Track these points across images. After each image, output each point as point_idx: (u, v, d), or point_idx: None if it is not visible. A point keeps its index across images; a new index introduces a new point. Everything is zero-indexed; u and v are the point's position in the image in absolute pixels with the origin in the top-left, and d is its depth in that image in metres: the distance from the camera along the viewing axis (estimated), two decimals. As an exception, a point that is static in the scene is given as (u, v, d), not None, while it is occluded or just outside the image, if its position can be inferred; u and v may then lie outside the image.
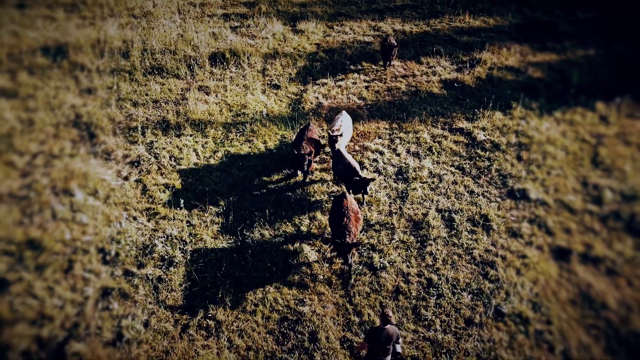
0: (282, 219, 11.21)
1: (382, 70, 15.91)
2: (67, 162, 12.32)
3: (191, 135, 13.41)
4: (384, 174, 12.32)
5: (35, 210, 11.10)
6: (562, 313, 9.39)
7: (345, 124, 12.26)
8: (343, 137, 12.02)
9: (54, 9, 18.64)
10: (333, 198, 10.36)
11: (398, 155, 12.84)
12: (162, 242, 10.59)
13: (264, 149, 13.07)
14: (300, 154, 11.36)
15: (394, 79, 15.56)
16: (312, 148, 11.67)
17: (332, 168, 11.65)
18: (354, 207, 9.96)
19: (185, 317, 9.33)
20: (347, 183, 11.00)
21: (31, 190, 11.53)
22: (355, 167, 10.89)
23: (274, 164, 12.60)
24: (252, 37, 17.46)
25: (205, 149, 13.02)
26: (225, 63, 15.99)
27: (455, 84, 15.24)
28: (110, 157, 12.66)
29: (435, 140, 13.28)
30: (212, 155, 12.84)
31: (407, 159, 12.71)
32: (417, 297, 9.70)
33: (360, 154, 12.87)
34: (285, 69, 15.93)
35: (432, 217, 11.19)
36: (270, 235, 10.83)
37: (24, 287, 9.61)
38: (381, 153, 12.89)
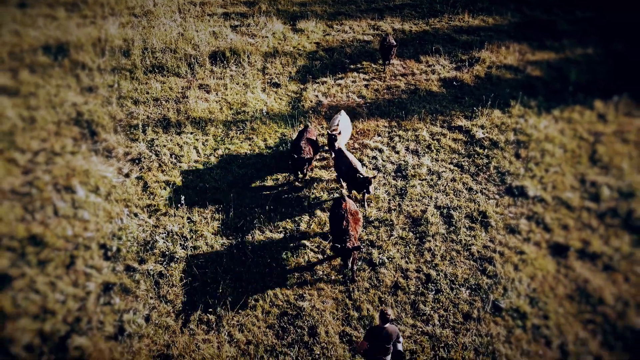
0: (282, 215, 11.30)
1: (381, 69, 16.00)
2: (69, 160, 12.42)
3: (192, 133, 13.51)
4: (383, 171, 12.41)
5: (37, 206, 11.20)
6: (559, 308, 9.48)
7: (343, 123, 12.34)
8: (342, 136, 12.11)
9: (55, 8, 18.74)
10: (332, 201, 10.39)
11: (397, 152, 12.93)
12: (163, 238, 10.68)
13: (264, 146, 13.16)
14: (300, 157, 11.38)
15: (393, 78, 15.65)
16: (311, 150, 11.72)
17: (335, 167, 11.72)
18: (353, 209, 9.96)
19: (186, 311, 9.42)
20: (349, 182, 11.09)
21: (33, 187, 11.63)
22: (357, 166, 10.96)
23: (274, 161, 12.69)
24: (252, 36, 17.55)
25: (206, 147, 13.11)
26: (225, 62, 16.09)
27: (454, 83, 15.33)
28: (112, 154, 12.75)
29: (434, 138, 13.37)
30: (212, 153, 12.93)
31: (406, 156, 12.80)
32: (416, 292, 9.79)
33: (360, 152, 12.96)
34: (285, 68, 16.02)
35: (431, 213, 11.28)
36: (270, 231, 10.92)
37: (26, 282, 9.71)
38: (380, 151, 12.98)
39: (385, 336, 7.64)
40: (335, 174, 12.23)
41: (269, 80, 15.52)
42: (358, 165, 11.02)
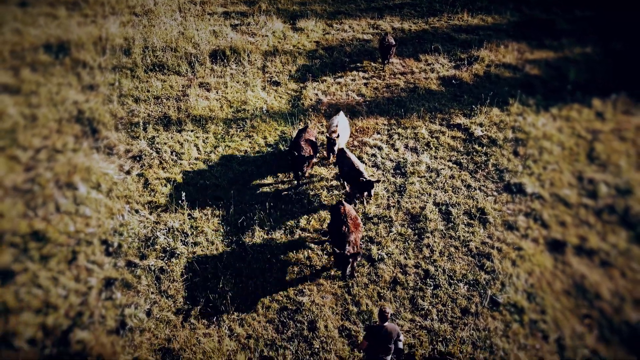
0: (281, 212, 11.39)
1: (380, 67, 16.09)
2: (70, 157, 12.51)
3: (192, 130, 13.60)
4: (382, 168, 12.50)
5: (40, 203, 11.30)
6: (557, 303, 9.58)
7: (342, 124, 12.39)
8: (341, 138, 12.16)
9: (55, 7, 18.84)
10: (330, 207, 10.44)
11: (396, 150, 13.02)
12: (163, 234, 10.77)
13: (264, 144, 13.26)
14: (300, 155, 11.41)
15: (392, 76, 15.75)
16: (311, 149, 11.78)
17: (338, 168, 11.78)
18: (352, 214, 9.97)
19: (187, 306, 9.52)
20: (352, 184, 11.19)
21: (35, 183, 11.73)
22: (360, 168, 11.03)
23: (274, 159, 12.79)
24: (252, 35, 17.65)
25: (206, 144, 13.21)
26: (225, 60, 16.19)
27: (453, 81, 15.43)
28: (113, 151, 12.84)
29: (433, 135, 13.47)
30: (212, 150, 13.03)
31: (405, 154, 12.90)
32: (415, 287, 9.88)
33: (359, 149, 13.05)
34: (285, 66, 16.12)
35: (430, 210, 11.37)
36: (270, 228, 11.01)
37: (29, 277, 9.80)
38: (380, 148, 13.08)
39: (385, 335, 7.64)
40: (335, 172, 12.33)
41: (269, 79, 15.62)
42: (361, 167, 11.10)
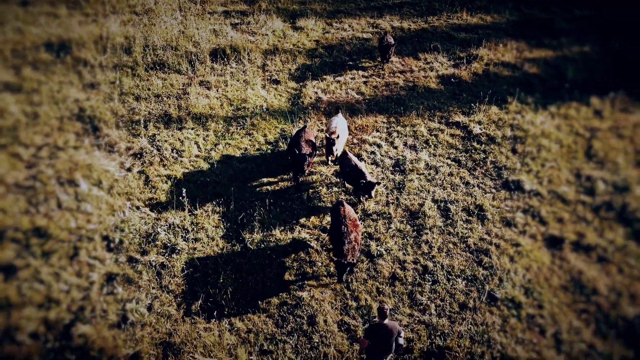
0: (281, 209, 11.48)
1: (380, 66, 16.18)
2: (72, 154, 12.60)
3: (192, 128, 13.69)
4: (381, 166, 12.59)
5: (41, 199, 11.38)
6: (554, 298, 9.66)
7: (341, 125, 12.43)
8: (340, 138, 12.20)
9: (56, 6, 18.91)
10: (331, 207, 10.52)
11: (395, 148, 13.11)
12: (164, 230, 10.86)
13: (264, 142, 13.34)
14: (301, 153, 11.46)
15: (392, 75, 15.84)
16: (310, 149, 11.84)
17: (339, 167, 11.84)
18: (352, 216, 10.02)
19: (188, 301, 9.61)
20: (353, 185, 11.27)
21: (37, 180, 11.81)
22: (362, 169, 11.10)
23: (274, 156, 12.88)
24: (252, 34, 17.74)
25: (207, 142, 13.30)
26: (225, 59, 16.27)
27: (452, 80, 15.52)
28: (114, 149, 12.93)
29: (432, 133, 13.55)
30: (213, 148, 13.12)
31: (404, 151, 12.99)
32: (413, 283, 9.97)
33: (359, 147, 13.14)
34: (285, 65, 16.21)
35: (428, 207, 11.46)
36: (270, 224, 11.09)
37: (31, 273, 9.89)
38: (379, 146, 13.16)
39: (385, 333, 7.67)
40: (335, 170, 12.42)
41: (269, 77, 15.71)
42: (363, 168, 11.18)
